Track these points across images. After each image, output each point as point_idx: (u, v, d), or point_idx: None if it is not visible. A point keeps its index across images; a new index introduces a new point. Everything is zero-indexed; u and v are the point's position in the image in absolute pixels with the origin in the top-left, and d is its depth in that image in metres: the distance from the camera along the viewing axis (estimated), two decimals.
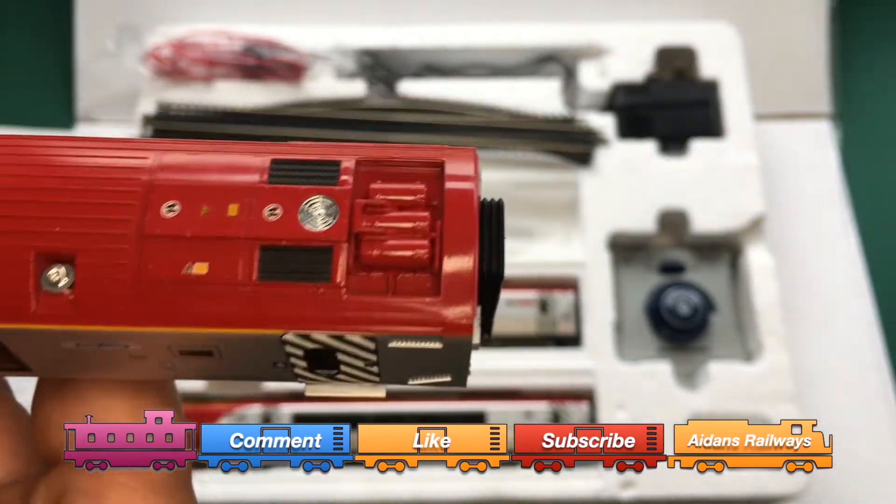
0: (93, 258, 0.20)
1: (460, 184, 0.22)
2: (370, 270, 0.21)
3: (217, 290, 0.20)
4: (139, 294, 0.20)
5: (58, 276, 0.21)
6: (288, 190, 0.21)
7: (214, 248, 0.21)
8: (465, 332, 0.21)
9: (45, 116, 0.78)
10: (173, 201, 0.21)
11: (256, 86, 0.72)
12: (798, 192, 0.75)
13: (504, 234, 0.22)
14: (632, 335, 0.67)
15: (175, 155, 0.22)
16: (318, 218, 0.21)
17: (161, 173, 0.21)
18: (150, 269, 0.20)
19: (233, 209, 0.21)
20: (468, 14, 0.77)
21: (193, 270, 0.20)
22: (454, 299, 0.20)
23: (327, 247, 0.21)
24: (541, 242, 0.70)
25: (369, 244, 0.21)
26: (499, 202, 0.23)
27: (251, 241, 0.21)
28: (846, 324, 0.71)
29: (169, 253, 0.20)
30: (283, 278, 0.20)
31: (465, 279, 0.21)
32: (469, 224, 0.21)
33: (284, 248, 0.21)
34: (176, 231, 0.21)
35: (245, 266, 0.20)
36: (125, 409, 0.23)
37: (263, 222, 0.21)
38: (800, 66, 0.79)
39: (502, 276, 0.21)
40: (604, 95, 0.73)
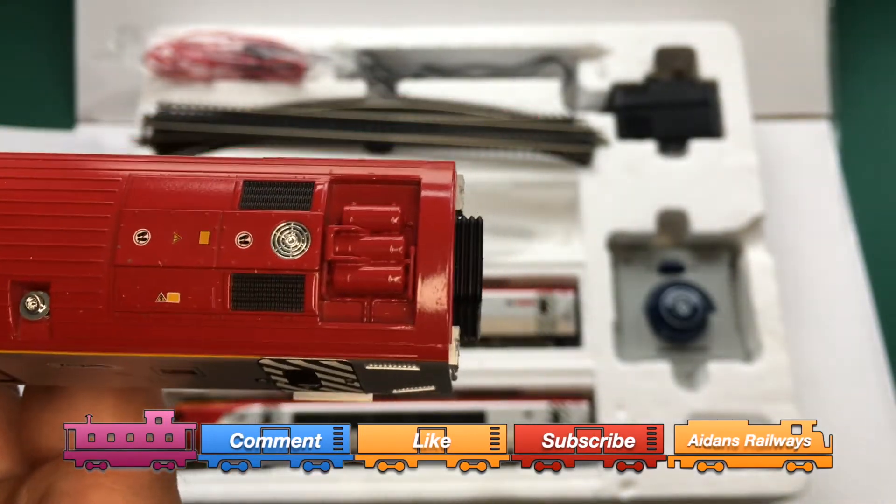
0: (67, 287, 0.20)
1: (436, 207, 0.21)
2: (344, 296, 0.21)
3: (191, 319, 0.20)
4: (114, 322, 0.20)
5: (34, 303, 0.21)
6: (259, 216, 0.21)
7: (186, 276, 0.20)
8: (440, 358, 0.21)
9: (45, 117, 0.78)
10: (144, 229, 0.21)
11: (257, 86, 0.72)
12: (797, 193, 0.75)
13: (482, 254, 0.22)
14: (631, 335, 0.67)
15: (144, 180, 0.21)
16: (290, 245, 0.20)
17: (131, 199, 0.21)
18: (124, 299, 0.20)
19: (204, 237, 0.21)
20: (468, 15, 0.77)
21: (167, 299, 0.20)
22: (428, 328, 0.20)
23: (299, 275, 0.20)
24: (541, 242, 0.71)
25: (342, 271, 0.21)
26: (477, 220, 0.22)
27: (223, 270, 0.20)
28: (845, 323, 0.71)
29: (141, 282, 0.20)
30: (256, 307, 0.20)
31: (439, 308, 0.20)
32: (444, 250, 0.21)
33: (257, 276, 0.20)
34: (147, 260, 0.20)
35: (217, 295, 0.20)
36: (111, 413, 0.24)
37: (235, 250, 0.20)
38: (799, 67, 0.79)
39: (479, 298, 0.21)
40: (603, 96, 0.73)
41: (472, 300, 0.21)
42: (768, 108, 0.76)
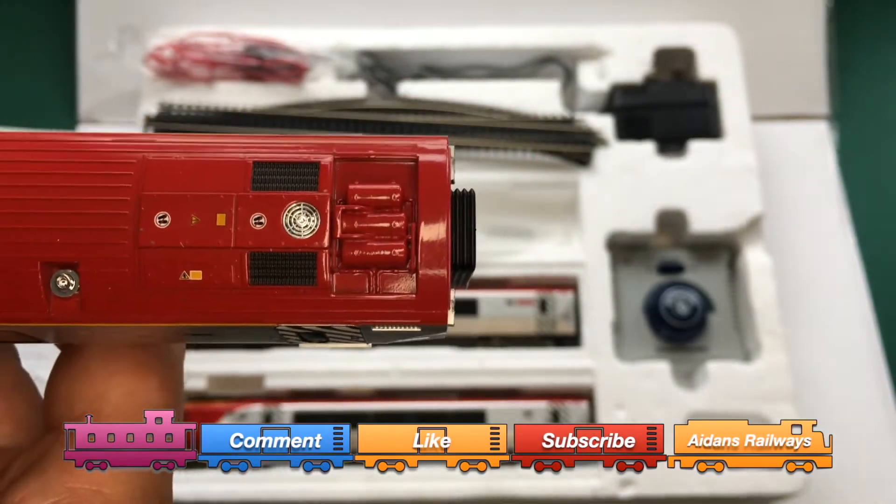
0: (95, 267, 0.22)
1: (433, 184, 0.23)
2: (352, 269, 0.22)
3: (213, 294, 0.22)
4: (141, 296, 0.22)
5: (64, 282, 0.22)
6: (271, 197, 0.22)
7: (207, 256, 0.22)
8: (441, 321, 0.23)
9: (47, 117, 0.78)
10: (164, 212, 0.22)
11: (257, 87, 0.72)
12: (796, 193, 0.75)
13: (475, 223, 0.23)
14: (631, 335, 0.68)
15: (159, 163, 0.23)
16: (301, 225, 0.22)
17: (148, 182, 0.22)
18: (149, 277, 0.22)
19: (221, 219, 0.22)
20: (468, 15, 0.77)
21: (189, 277, 0.22)
22: (430, 296, 0.22)
23: (311, 253, 0.22)
24: (540, 242, 0.71)
25: (350, 246, 0.22)
26: (470, 192, 0.24)
27: (240, 249, 0.22)
28: (844, 323, 0.72)
29: (165, 261, 0.22)
30: (273, 282, 0.22)
31: (440, 278, 0.22)
32: (441, 224, 0.22)
33: (272, 254, 0.22)
34: (169, 242, 0.22)
35: (237, 272, 0.22)
36: (126, 387, 0.24)
37: (251, 231, 0.22)
38: (797, 68, 0.79)
39: (474, 265, 0.23)
40: (603, 96, 0.74)
41: (468, 267, 0.23)
42: (767, 109, 0.76)
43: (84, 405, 0.24)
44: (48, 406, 0.25)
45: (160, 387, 0.25)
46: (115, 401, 0.24)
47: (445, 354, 0.65)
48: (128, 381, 0.24)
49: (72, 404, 0.24)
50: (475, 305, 0.67)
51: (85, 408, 0.24)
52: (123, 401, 0.24)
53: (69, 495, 0.23)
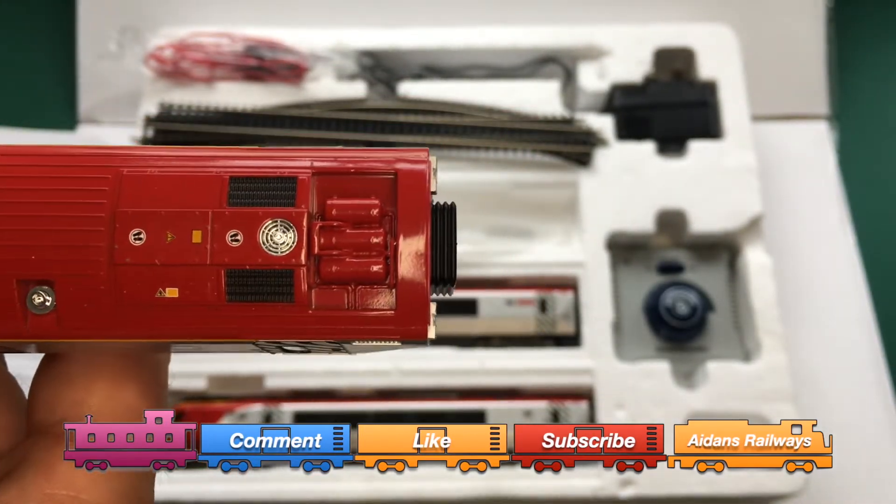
0: (70, 284, 0.22)
1: (413, 199, 0.22)
2: (330, 285, 0.22)
3: (190, 311, 0.22)
4: (118, 313, 0.22)
5: (40, 299, 0.22)
6: (247, 213, 0.22)
7: (183, 273, 0.22)
8: (420, 337, 0.22)
9: (47, 117, 0.78)
10: (138, 229, 0.22)
11: (258, 87, 0.72)
12: (796, 193, 0.75)
13: (456, 237, 0.23)
14: (630, 335, 0.68)
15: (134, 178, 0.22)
16: (278, 241, 0.22)
17: (123, 199, 0.22)
18: (125, 294, 0.22)
19: (196, 236, 0.22)
20: (468, 16, 0.77)
21: (166, 294, 0.22)
22: (409, 312, 0.22)
23: (288, 270, 0.22)
24: (540, 242, 0.71)
25: (328, 262, 0.22)
26: (450, 206, 0.23)
27: (216, 266, 0.22)
28: (844, 323, 0.72)
29: (141, 279, 0.22)
30: (250, 299, 0.22)
31: (419, 294, 0.22)
32: (421, 240, 0.22)
33: (248, 272, 0.22)
34: (145, 259, 0.22)
35: (213, 289, 0.22)
36: (106, 392, 0.24)
37: (227, 248, 0.22)
38: (797, 68, 0.79)
39: (454, 279, 0.23)
40: (603, 96, 0.74)
41: (448, 281, 0.23)
42: (767, 109, 0.76)
43: (64, 410, 0.24)
44: (30, 411, 0.24)
45: (141, 392, 0.24)
46: (96, 406, 0.24)
47: (445, 354, 0.65)
48: (108, 387, 0.24)
49: (52, 409, 0.24)
50: (475, 305, 0.67)
51: (65, 413, 0.24)
52: (103, 406, 0.24)
53: (47, 501, 0.22)
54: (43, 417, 0.24)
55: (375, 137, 0.69)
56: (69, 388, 0.24)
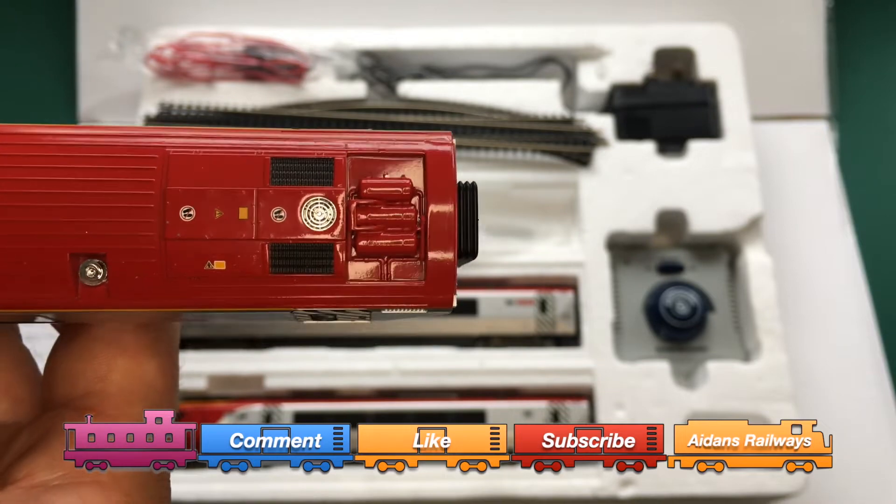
0: (122, 258, 0.23)
1: (440, 178, 0.24)
2: (366, 258, 0.24)
3: (237, 282, 0.23)
4: (167, 285, 0.23)
5: (93, 272, 0.23)
6: (289, 191, 0.24)
7: (231, 247, 0.23)
8: (447, 305, 0.24)
9: (48, 117, 0.78)
10: (188, 206, 0.23)
11: (258, 87, 0.72)
12: (796, 193, 0.75)
13: (478, 214, 0.25)
14: (630, 335, 0.68)
15: (180, 157, 0.24)
16: (318, 218, 0.24)
17: (172, 177, 0.23)
18: (175, 267, 0.23)
19: (243, 212, 0.23)
20: (468, 16, 0.77)
21: (214, 266, 0.23)
22: (438, 283, 0.24)
23: (328, 244, 0.24)
24: (540, 242, 0.71)
25: (364, 237, 0.24)
26: (472, 184, 0.25)
27: (262, 241, 0.23)
28: (843, 323, 0.72)
29: (190, 252, 0.23)
30: (292, 271, 0.24)
31: (447, 267, 0.24)
32: (449, 216, 0.24)
33: (291, 245, 0.23)
34: (195, 234, 0.23)
35: (258, 262, 0.23)
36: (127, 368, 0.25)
37: (271, 224, 0.23)
38: (797, 68, 0.79)
39: (476, 252, 0.25)
40: (603, 96, 0.74)
41: (471, 254, 0.25)
42: (767, 109, 0.76)
43: (87, 384, 0.25)
44: (49, 385, 0.25)
45: (159, 368, 0.25)
46: (118, 381, 0.25)
47: (445, 354, 0.65)
48: (129, 363, 0.25)
49: (74, 382, 0.25)
50: (475, 305, 0.67)
51: (88, 386, 0.25)
52: (125, 381, 0.25)
53: (76, 468, 0.23)
54: (65, 391, 0.25)
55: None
56: (91, 363, 0.25)
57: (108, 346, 0.25)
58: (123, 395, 0.25)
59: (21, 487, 0.23)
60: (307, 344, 0.65)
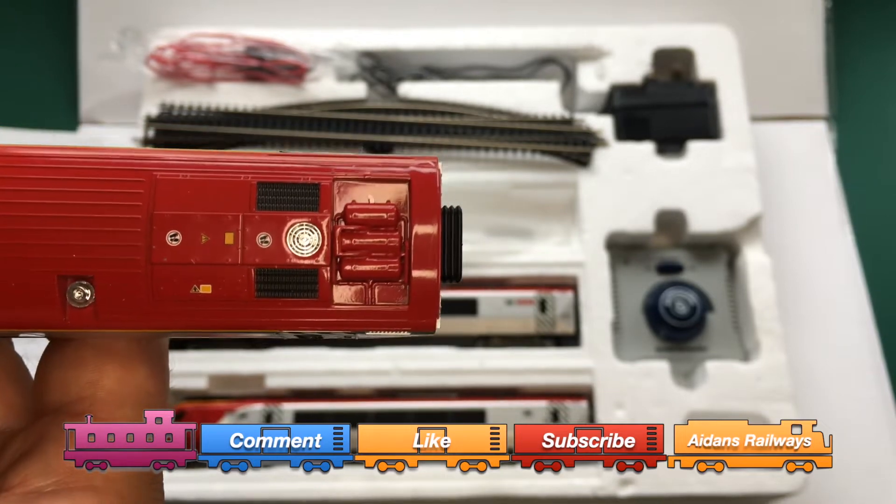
0: (109, 280, 0.23)
1: (424, 202, 0.24)
2: (350, 283, 0.24)
3: (222, 306, 0.24)
4: (154, 307, 0.23)
5: (80, 293, 0.23)
6: (275, 217, 0.24)
7: (216, 272, 0.24)
8: (430, 329, 0.25)
9: (49, 118, 0.79)
10: (175, 231, 0.23)
11: (258, 87, 0.72)
12: (795, 193, 0.75)
13: (462, 238, 0.25)
14: (630, 334, 0.68)
15: (167, 181, 0.24)
16: (304, 243, 0.24)
17: (159, 201, 0.24)
18: (162, 290, 0.23)
19: (229, 237, 0.24)
20: (468, 17, 0.77)
21: (200, 290, 0.23)
22: (421, 307, 0.24)
23: (313, 269, 0.24)
24: (540, 242, 0.71)
25: (349, 262, 0.24)
26: (457, 209, 0.25)
27: (248, 266, 0.24)
28: (843, 323, 0.72)
29: (177, 276, 0.23)
30: (277, 296, 0.24)
31: (430, 290, 0.24)
32: (433, 242, 0.24)
33: (277, 270, 0.24)
34: (181, 258, 0.23)
35: (244, 286, 0.24)
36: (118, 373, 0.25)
37: (257, 249, 0.24)
38: (796, 69, 0.79)
39: (460, 276, 0.25)
40: (602, 97, 0.74)
41: (455, 278, 0.25)
42: (766, 110, 0.76)
43: (78, 389, 0.25)
44: (40, 392, 0.25)
45: (150, 374, 0.25)
46: (109, 387, 0.25)
47: (445, 354, 0.65)
48: (119, 369, 0.25)
49: (66, 389, 0.25)
50: (475, 305, 0.67)
51: (80, 392, 0.25)
52: (117, 387, 0.25)
53: (69, 474, 0.23)
54: (57, 397, 0.25)
55: (375, 138, 0.69)
56: (82, 370, 0.25)
57: (98, 352, 0.25)
58: (115, 399, 0.25)
59: (16, 494, 0.23)
60: (307, 344, 0.65)
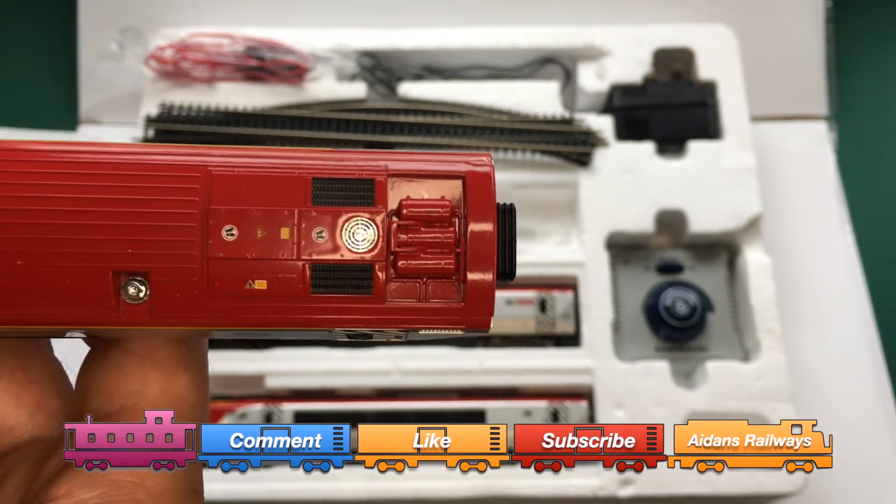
0: (164, 276, 0.23)
1: (481, 200, 0.24)
2: (405, 279, 0.24)
3: (277, 302, 0.23)
4: (208, 303, 0.23)
5: (135, 290, 0.23)
6: (331, 212, 0.24)
7: (272, 267, 0.23)
8: (484, 327, 0.24)
9: (48, 118, 0.79)
10: (230, 226, 0.23)
11: (258, 87, 0.72)
12: (795, 193, 0.75)
13: (516, 235, 0.25)
14: (630, 334, 0.68)
15: (222, 177, 0.24)
16: (359, 239, 0.24)
17: (214, 196, 0.23)
18: (217, 285, 0.23)
19: (284, 232, 0.23)
20: (468, 16, 0.77)
21: (255, 286, 0.23)
22: (476, 305, 0.24)
23: (369, 265, 0.24)
24: (540, 242, 0.71)
25: (404, 258, 0.24)
26: (511, 207, 0.25)
27: (303, 261, 0.23)
28: (843, 323, 0.72)
29: (232, 272, 0.23)
30: (332, 292, 0.24)
31: (486, 288, 0.24)
32: (488, 238, 0.24)
33: (332, 266, 0.23)
34: (238, 254, 0.23)
35: (299, 282, 0.23)
36: (161, 383, 0.25)
37: (313, 244, 0.23)
38: (796, 69, 0.79)
39: (514, 274, 0.24)
40: (602, 97, 0.74)
41: (509, 275, 0.24)
42: (766, 110, 0.76)
43: (122, 399, 0.24)
44: (82, 399, 0.25)
45: (192, 384, 0.25)
46: (152, 397, 0.25)
47: (445, 354, 0.65)
48: (163, 378, 0.25)
49: (109, 398, 0.25)
50: None
51: (123, 402, 0.24)
52: (160, 396, 0.25)
53: (113, 487, 0.23)
54: (99, 406, 0.25)
55: (375, 138, 0.69)
56: (125, 378, 0.25)
57: (141, 361, 0.25)
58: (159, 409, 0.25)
59: None
60: (307, 344, 0.65)
